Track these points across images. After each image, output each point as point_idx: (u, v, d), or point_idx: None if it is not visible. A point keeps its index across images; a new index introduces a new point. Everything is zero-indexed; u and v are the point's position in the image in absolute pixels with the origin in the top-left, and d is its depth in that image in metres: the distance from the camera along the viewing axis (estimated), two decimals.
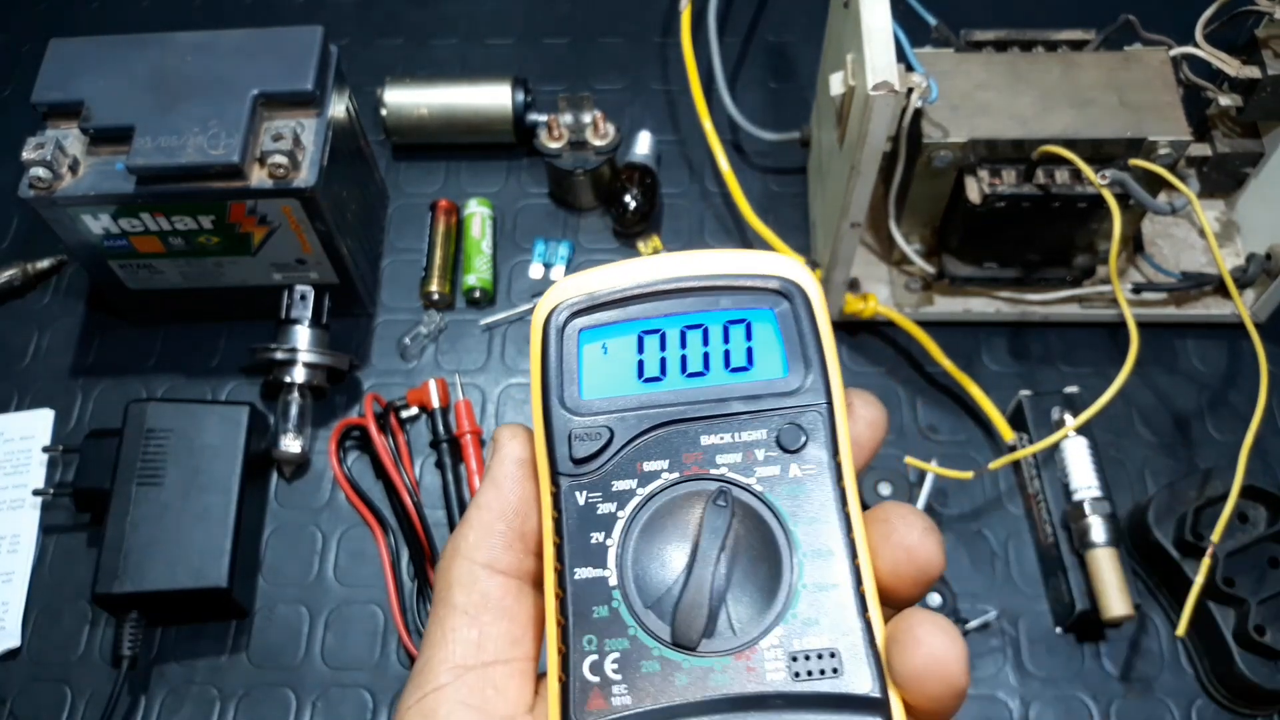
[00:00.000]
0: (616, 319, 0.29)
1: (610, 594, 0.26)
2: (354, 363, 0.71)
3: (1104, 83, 0.63)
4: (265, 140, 0.61)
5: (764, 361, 0.28)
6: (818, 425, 0.28)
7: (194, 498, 0.62)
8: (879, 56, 0.53)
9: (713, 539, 0.26)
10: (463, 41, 0.87)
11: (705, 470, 0.27)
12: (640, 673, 0.25)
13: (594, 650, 0.26)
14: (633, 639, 0.26)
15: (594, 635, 0.26)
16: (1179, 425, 0.69)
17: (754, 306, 0.29)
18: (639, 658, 0.25)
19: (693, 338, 0.29)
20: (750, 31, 0.87)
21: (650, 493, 0.27)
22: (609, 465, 0.28)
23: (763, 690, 0.25)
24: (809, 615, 0.26)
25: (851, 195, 0.59)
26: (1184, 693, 0.60)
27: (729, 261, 0.29)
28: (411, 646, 0.61)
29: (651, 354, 0.29)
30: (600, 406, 0.28)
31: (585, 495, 0.27)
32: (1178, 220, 0.73)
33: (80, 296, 0.76)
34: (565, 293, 0.29)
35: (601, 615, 0.26)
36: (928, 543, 0.26)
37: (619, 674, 0.25)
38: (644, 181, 0.76)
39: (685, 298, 0.29)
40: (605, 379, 0.28)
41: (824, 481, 0.27)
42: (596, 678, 0.25)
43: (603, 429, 0.28)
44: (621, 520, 0.27)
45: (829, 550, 0.26)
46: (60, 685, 0.62)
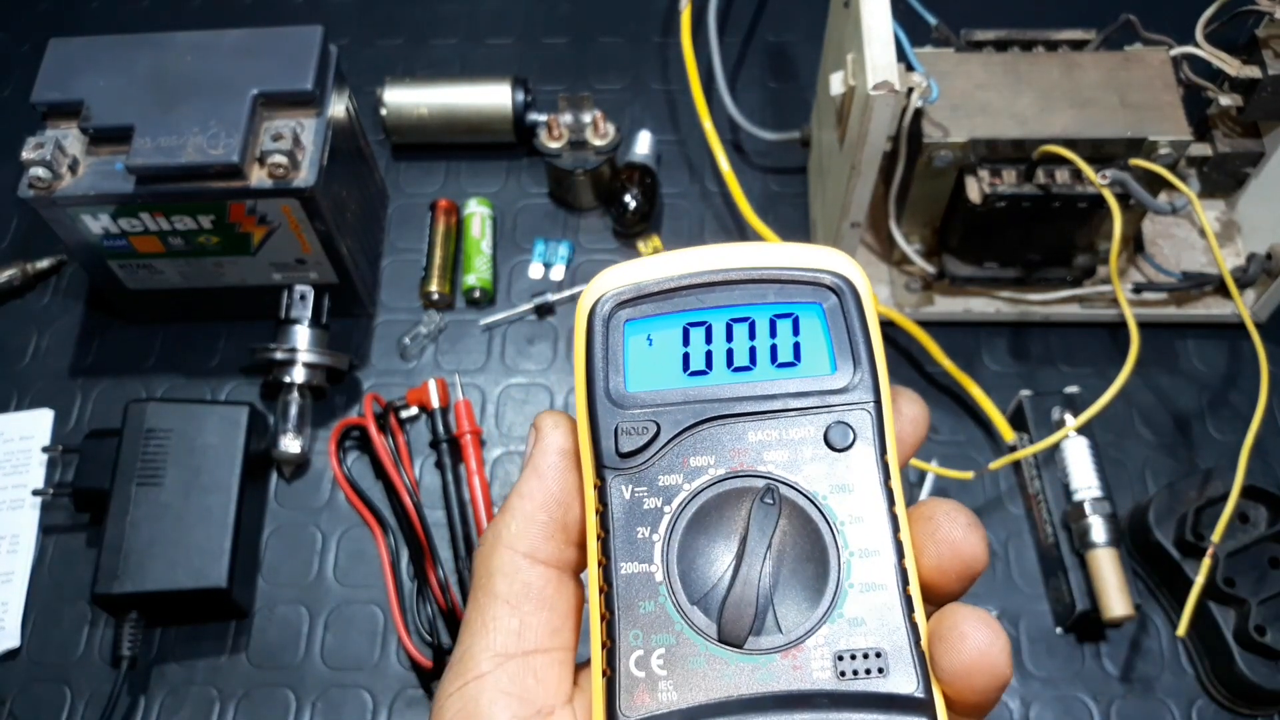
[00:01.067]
0: (662, 310, 0.29)
1: (657, 589, 0.26)
2: (353, 363, 0.71)
3: (1104, 82, 0.63)
4: (265, 140, 0.61)
5: (811, 358, 0.28)
6: (866, 424, 0.27)
7: (194, 498, 0.62)
8: (879, 56, 0.53)
9: (760, 537, 0.26)
10: (462, 41, 0.87)
11: (752, 467, 0.27)
12: (686, 669, 0.25)
13: (640, 645, 0.26)
14: (679, 635, 0.26)
15: (640, 631, 0.26)
16: (1179, 425, 0.69)
17: (802, 300, 0.28)
18: (685, 654, 0.26)
19: (739, 331, 0.28)
20: (750, 31, 0.87)
21: (697, 488, 0.27)
22: (655, 460, 0.27)
23: (808, 689, 0.25)
24: (856, 615, 0.26)
25: (852, 195, 0.59)
26: (1184, 693, 0.60)
27: (777, 254, 0.29)
28: (411, 647, 0.61)
29: (697, 347, 0.28)
30: (646, 399, 0.28)
31: (631, 490, 0.27)
32: (1178, 220, 0.73)
33: (80, 296, 0.76)
34: (611, 283, 0.29)
35: (648, 610, 0.26)
36: (972, 538, 0.26)
37: (665, 670, 0.25)
38: (644, 181, 0.75)
39: (732, 290, 0.28)
40: (650, 371, 0.28)
41: (872, 481, 0.27)
42: (642, 673, 0.25)
43: (649, 423, 0.28)
44: (668, 516, 0.27)
45: (876, 550, 0.26)
46: (60, 685, 0.62)
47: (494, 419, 0.70)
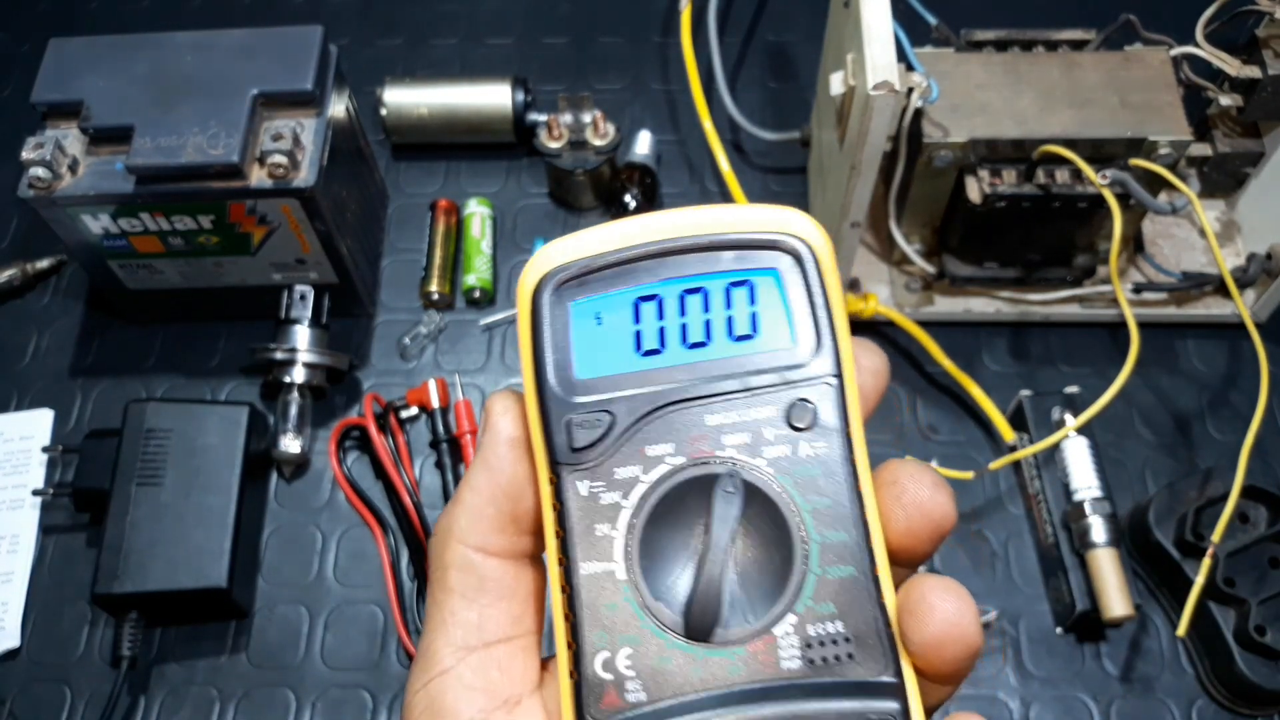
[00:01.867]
0: (610, 286, 0.27)
1: (620, 588, 0.25)
2: (353, 363, 0.71)
3: (1104, 82, 0.63)
4: (265, 140, 0.61)
5: (770, 329, 0.26)
6: (828, 400, 0.26)
7: (194, 498, 0.62)
8: (879, 56, 0.53)
9: (723, 527, 0.25)
10: (462, 41, 0.87)
11: (712, 453, 0.26)
12: (654, 668, 0.25)
13: (605, 647, 0.25)
14: (644, 633, 0.25)
15: (604, 631, 0.25)
16: (1179, 425, 0.69)
17: (758, 266, 0.26)
18: (652, 652, 0.25)
19: (692, 303, 0.26)
20: (750, 31, 0.87)
21: (656, 479, 0.26)
22: (611, 452, 0.26)
23: (778, 680, 0.24)
24: (823, 601, 0.25)
25: (852, 195, 0.59)
26: (1184, 693, 0.60)
27: (731, 216, 0.26)
28: (411, 647, 0.61)
29: (649, 323, 0.26)
30: (598, 386, 0.26)
31: (587, 485, 0.26)
32: (1178, 220, 0.73)
33: (80, 296, 0.76)
34: (551, 259, 0.27)
35: (611, 610, 0.25)
36: (939, 497, 0.25)
37: (632, 670, 0.25)
38: (644, 181, 0.75)
39: (683, 258, 0.26)
40: (601, 354, 0.26)
41: (836, 460, 0.26)
42: (609, 675, 0.25)
43: (602, 414, 0.26)
44: (627, 510, 0.26)
45: (842, 533, 0.25)
46: (60, 685, 0.62)
47: None
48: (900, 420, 0.69)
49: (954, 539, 0.65)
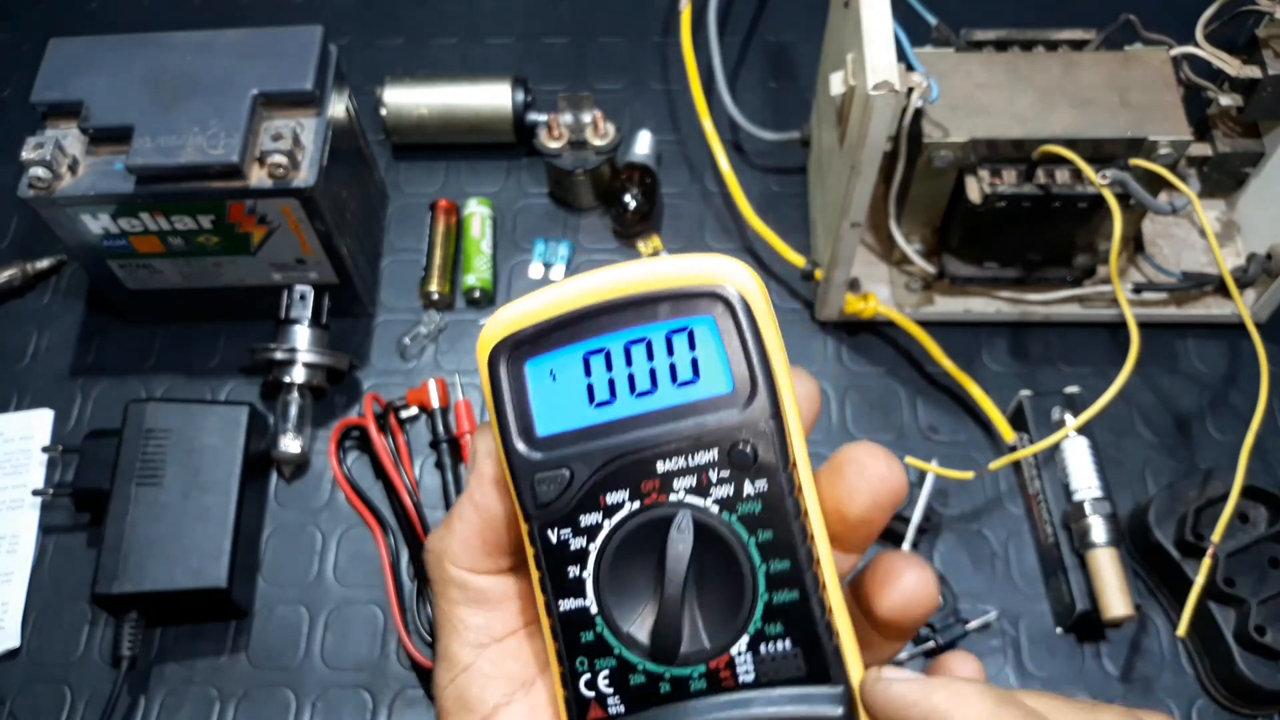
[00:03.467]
0: (560, 343, 0.29)
1: (594, 620, 0.28)
2: (353, 363, 0.71)
3: (1104, 82, 0.63)
4: (265, 140, 0.61)
5: (709, 373, 0.28)
6: (765, 440, 0.28)
7: (193, 498, 0.62)
8: (879, 56, 0.53)
9: (677, 563, 0.28)
10: (462, 41, 0.87)
11: (664, 497, 0.28)
12: (629, 685, 0.28)
13: (586, 670, 0.29)
14: (619, 658, 0.28)
15: (585, 657, 0.29)
16: (1179, 425, 0.69)
17: (694, 315, 0.28)
18: (626, 672, 0.28)
19: (638, 354, 0.29)
20: (750, 31, 0.87)
21: (615, 524, 0.28)
22: (573, 501, 0.29)
23: (736, 695, 0.28)
24: (772, 622, 0.28)
25: (852, 195, 0.59)
26: (1184, 693, 0.60)
27: (667, 269, 0.28)
28: (411, 647, 0.61)
29: (599, 375, 0.29)
30: (558, 441, 0.29)
31: (556, 533, 0.29)
32: (1178, 220, 0.73)
33: (79, 296, 0.76)
34: (503, 324, 0.29)
35: (588, 640, 0.28)
36: (895, 468, 0.28)
37: (611, 688, 0.28)
38: (644, 181, 0.75)
39: (625, 312, 0.28)
40: (558, 409, 0.29)
41: (778, 495, 0.28)
42: (592, 693, 0.28)
43: (563, 471, 0.29)
44: (593, 553, 0.29)
45: (786, 562, 0.28)
46: (60, 685, 0.62)
47: None
48: (900, 420, 0.69)
49: (954, 539, 0.65)
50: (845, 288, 0.68)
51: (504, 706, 0.30)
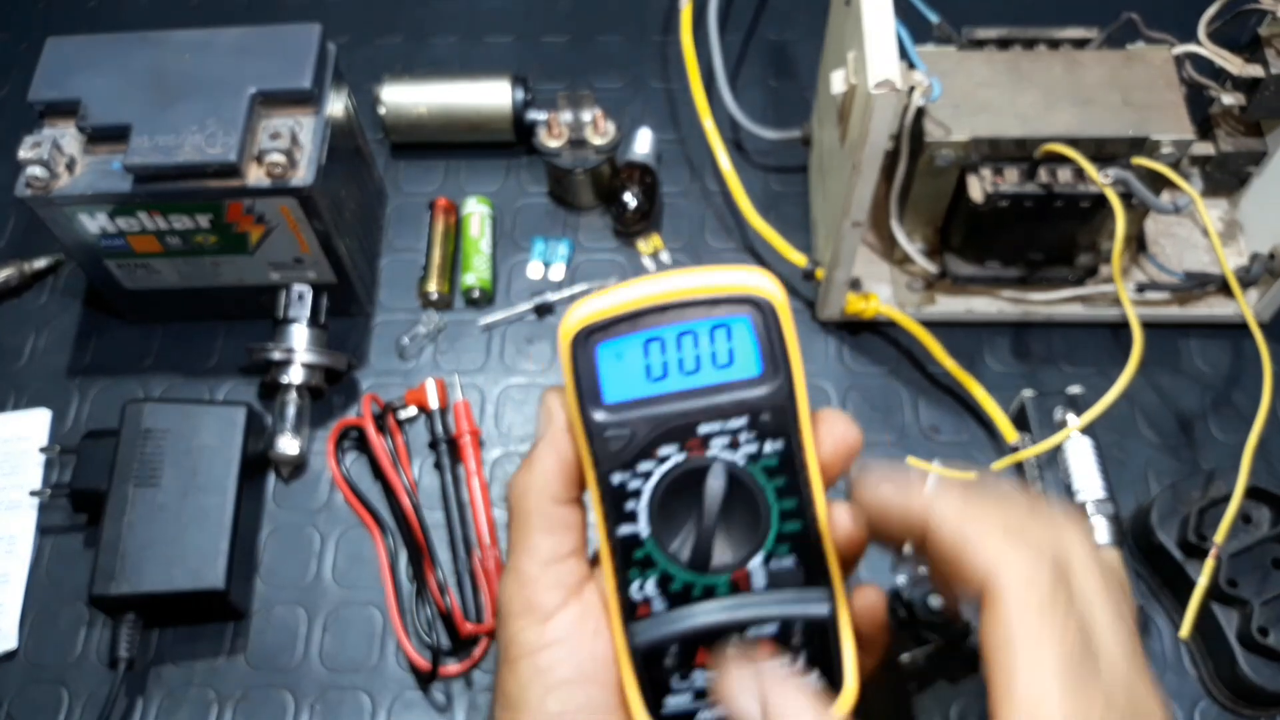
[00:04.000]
0: (625, 331, 0.36)
1: (644, 541, 0.37)
2: (352, 363, 0.71)
3: (1107, 81, 0.63)
4: (263, 139, 0.61)
5: (742, 360, 0.36)
6: (783, 412, 0.37)
7: (191, 499, 0.61)
8: (881, 54, 0.53)
9: (713, 498, 0.36)
10: (462, 39, 0.87)
11: (703, 451, 0.37)
12: (670, 589, 0.37)
13: (637, 578, 0.37)
14: (662, 569, 0.37)
15: (637, 569, 0.37)
16: (1182, 426, 0.68)
17: (733, 314, 0.36)
18: (668, 580, 0.37)
19: (687, 342, 0.36)
20: (751, 29, 0.87)
21: (665, 471, 0.37)
22: (634, 453, 0.37)
23: (750, 596, 0.37)
24: (781, 544, 0.37)
25: (853, 194, 0.59)
26: (1187, 695, 0.60)
27: (712, 279, 0.36)
28: (410, 649, 0.61)
29: (655, 358, 0.36)
30: (622, 408, 0.37)
31: (619, 477, 0.37)
32: (1181, 219, 0.72)
33: (77, 296, 0.75)
34: (579, 317, 0.36)
35: (639, 556, 0.37)
36: (853, 428, 0.38)
37: (657, 591, 0.37)
38: (644, 180, 0.75)
39: (678, 310, 0.36)
40: (623, 382, 0.36)
41: (789, 453, 0.37)
42: (641, 596, 0.37)
43: (626, 430, 0.37)
44: (646, 492, 0.37)
45: (793, 501, 0.37)
46: (57, 687, 0.62)
47: (493, 419, 0.70)
48: (902, 420, 0.69)
49: None
50: (846, 287, 0.68)
51: (561, 608, 0.37)
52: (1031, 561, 0.33)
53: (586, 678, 0.37)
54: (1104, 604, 0.33)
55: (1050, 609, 0.32)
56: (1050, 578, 0.32)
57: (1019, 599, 0.32)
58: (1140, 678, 0.33)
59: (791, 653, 0.37)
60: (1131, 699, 0.32)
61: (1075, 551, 0.34)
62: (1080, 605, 0.33)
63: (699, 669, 0.37)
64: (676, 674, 0.37)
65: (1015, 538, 0.33)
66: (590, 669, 0.37)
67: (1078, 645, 0.32)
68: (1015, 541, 0.33)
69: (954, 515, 0.34)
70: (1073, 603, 0.32)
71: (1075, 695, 0.31)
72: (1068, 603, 0.32)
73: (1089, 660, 0.32)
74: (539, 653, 0.37)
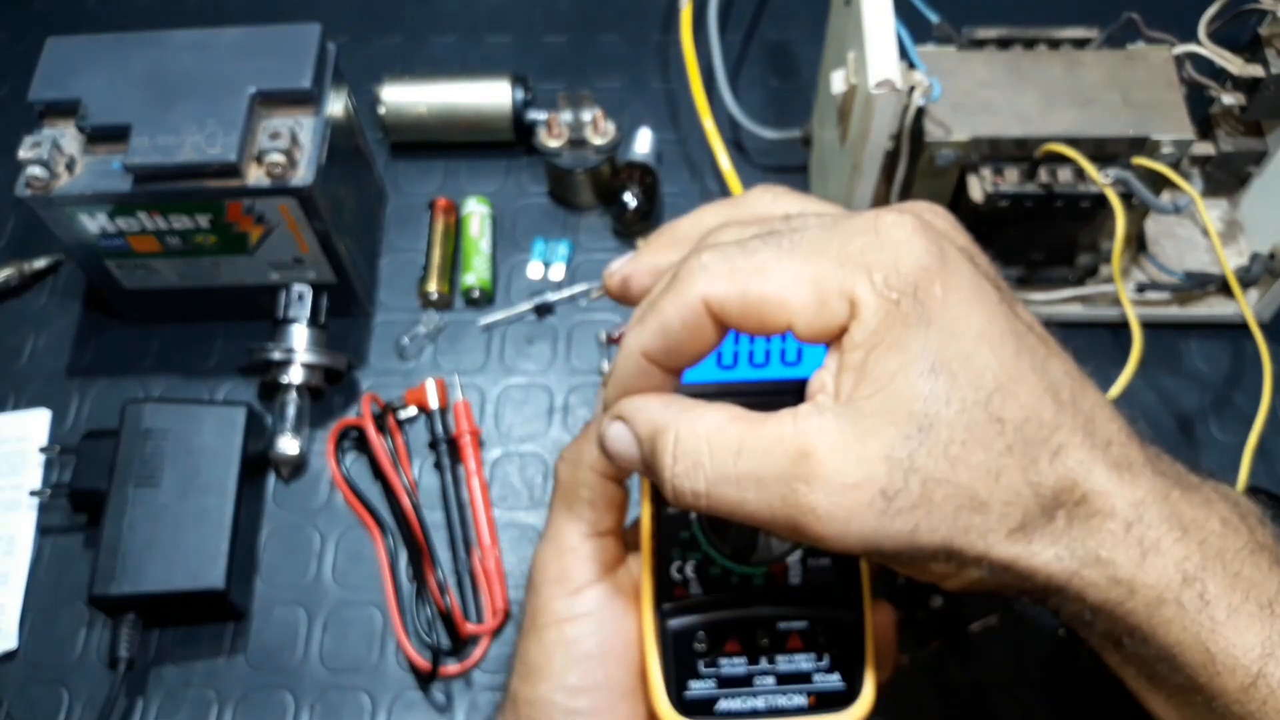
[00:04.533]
0: None
1: (691, 523, 0.37)
2: (352, 363, 0.71)
3: (1107, 81, 0.62)
4: (262, 139, 0.61)
5: (808, 359, 0.37)
6: None
7: (191, 499, 0.61)
8: (881, 54, 0.53)
9: None
10: (461, 39, 0.87)
11: None
12: (708, 574, 0.37)
13: (678, 559, 0.37)
14: (704, 553, 0.37)
15: (679, 549, 0.37)
16: (1182, 426, 0.68)
17: None
18: (707, 565, 0.37)
19: (758, 336, 0.36)
20: (751, 29, 0.87)
21: None
22: None
23: (784, 590, 0.37)
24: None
25: (853, 194, 0.59)
26: None
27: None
28: (410, 649, 0.61)
29: (728, 347, 0.37)
30: (691, 390, 0.36)
31: None
32: (1181, 219, 0.72)
33: (76, 296, 0.75)
34: None
35: (685, 537, 0.37)
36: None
37: (695, 574, 0.37)
38: (644, 180, 0.75)
39: None
40: (695, 367, 0.36)
41: None
42: (680, 577, 0.37)
43: None
44: None
45: None
46: (57, 687, 0.62)
47: (493, 419, 0.70)
48: None
49: None
50: None
51: (594, 583, 0.37)
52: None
53: (610, 655, 0.37)
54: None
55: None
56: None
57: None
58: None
59: (818, 651, 0.37)
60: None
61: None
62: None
63: (726, 656, 0.37)
64: (703, 660, 0.37)
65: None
66: (614, 647, 0.37)
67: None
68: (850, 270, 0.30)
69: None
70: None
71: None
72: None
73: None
74: (567, 623, 0.37)
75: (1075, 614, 0.30)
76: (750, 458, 0.30)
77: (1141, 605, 0.29)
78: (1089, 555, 0.29)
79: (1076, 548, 0.29)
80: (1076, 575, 0.29)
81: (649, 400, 0.33)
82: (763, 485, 0.29)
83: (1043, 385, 0.30)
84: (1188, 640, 0.29)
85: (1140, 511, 0.29)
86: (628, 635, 0.38)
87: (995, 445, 0.28)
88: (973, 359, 0.29)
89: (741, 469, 0.30)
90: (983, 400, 0.29)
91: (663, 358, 0.32)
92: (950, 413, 0.28)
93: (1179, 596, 0.29)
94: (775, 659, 0.36)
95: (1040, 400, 0.29)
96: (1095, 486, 0.29)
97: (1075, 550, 0.29)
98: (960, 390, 0.29)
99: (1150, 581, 0.29)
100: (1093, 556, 0.29)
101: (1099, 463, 0.29)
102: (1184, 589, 0.29)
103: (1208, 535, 0.30)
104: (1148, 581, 0.29)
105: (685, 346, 0.32)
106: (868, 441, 0.28)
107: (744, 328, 0.31)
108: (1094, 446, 0.30)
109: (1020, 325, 0.31)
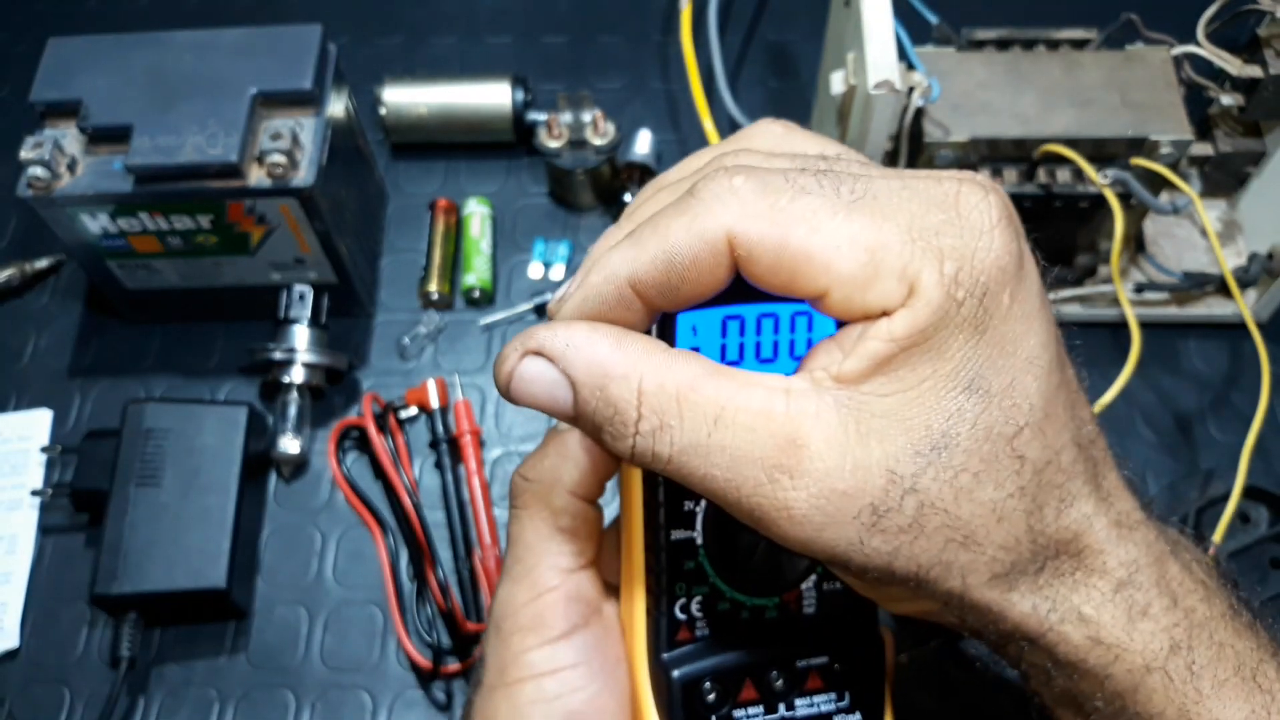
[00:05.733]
0: (706, 304, 0.31)
1: (698, 550, 0.32)
2: (353, 363, 0.71)
3: (1105, 82, 0.63)
4: (263, 139, 0.61)
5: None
6: None
7: (192, 498, 0.61)
8: (880, 55, 0.53)
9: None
10: (462, 40, 0.87)
11: None
12: (716, 610, 0.32)
13: (683, 595, 0.32)
14: (711, 585, 0.32)
15: (684, 583, 0.32)
16: (1180, 426, 0.68)
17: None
18: (715, 599, 0.32)
19: (766, 325, 0.32)
20: (751, 30, 0.87)
21: None
22: None
23: (799, 621, 0.33)
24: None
25: None
26: None
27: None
28: (410, 648, 0.61)
29: (733, 338, 0.33)
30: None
31: None
32: (1180, 220, 0.72)
33: (78, 296, 0.75)
34: None
35: (689, 567, 0.32)
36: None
37: (701, 613, 0.32)
38: (644, 180, 0.75)
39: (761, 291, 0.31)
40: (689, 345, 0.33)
41: None
42: (684, 616, 0.32)
43: None
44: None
45: None
46: (59, 686, 0.62)
47: (494, 419, 0.70)
48: None
49: None
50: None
51: (581, 628, 0.32)
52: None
53: (601, 712, 0.32)
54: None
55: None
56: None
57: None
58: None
59: (838, 690, 0.33)
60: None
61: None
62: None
63: (741, 707, 0.32)
64: (715, 714, 0.32)
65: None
66: (606, 704, 0.32)
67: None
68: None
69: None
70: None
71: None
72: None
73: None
74: (546, 678, 0.31)
75: (1035, 666, 0.28)
76: (729, 431, 0.25)
77: (1124, 671, 0.27)
78: (1070, 611, 0.26)
79: (1060, 602, 0.26)
80: (1053, 630, 0.26)
81: (593, 335, 0.27)
82: (736, 465, 0.25)
83: (1071, 427, 0.27)
84: (1171, 712, 0.27)
85: (1132, 573, 0.27)
86: (620, 688, 0.32)
87: (1008, 484, 0.25)
88: (1015, 386, 0.25)
89: (715, 440, 0.25)
90: (1010, 434, 0.25)
91: (655, 293, 0.27)
92: (972, 438, 0.25)
93: (1166, 666, 0.27)
94: (794, 704, 0.32)
95: (1065, 444, 0.27)
96: (1093, 543, 0.27)
97: (1057, 604, 0.26)
98: (991, 416, 0.25)
99: (1138, 648, 0.27)
100: (1075, 613, 0.26)
101: (1102, 517, 0.27)
102: (1171, 658, 0.27)
103: (1195, 602, 0.28)
104: (1135, 648, 0.27)
105: (687, 285, 0.26)
106: (870, 445, 0.25)
107: (765, 281, 0.26)
108: (1100, 500, 0.28)
109: (1065, 354, 0.27)
